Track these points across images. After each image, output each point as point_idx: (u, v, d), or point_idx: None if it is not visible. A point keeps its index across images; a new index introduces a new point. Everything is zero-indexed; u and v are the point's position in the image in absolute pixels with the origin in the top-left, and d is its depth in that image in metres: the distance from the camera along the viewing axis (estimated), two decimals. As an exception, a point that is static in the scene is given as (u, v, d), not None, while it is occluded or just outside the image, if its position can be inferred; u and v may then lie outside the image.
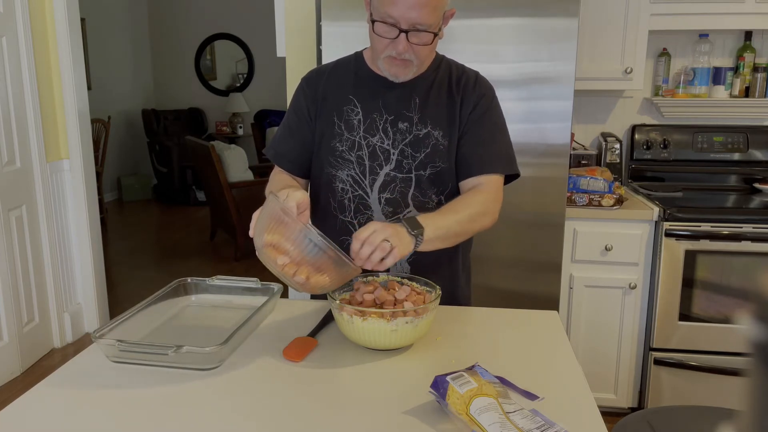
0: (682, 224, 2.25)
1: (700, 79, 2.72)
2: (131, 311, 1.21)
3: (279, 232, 1.05)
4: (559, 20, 2.00)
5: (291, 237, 1.04)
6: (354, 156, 1.35)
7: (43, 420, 0.93)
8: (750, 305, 0.32)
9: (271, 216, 1.07)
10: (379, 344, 1.12)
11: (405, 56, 1.25)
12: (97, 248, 3.39)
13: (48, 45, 3.09)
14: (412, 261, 1.38)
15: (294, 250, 1.04)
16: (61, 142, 3.20)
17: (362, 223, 1.37)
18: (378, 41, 1.26)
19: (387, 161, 1.34)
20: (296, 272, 1.05)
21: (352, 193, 1.37)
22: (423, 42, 1.24)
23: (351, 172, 1.35)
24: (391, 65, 1.28)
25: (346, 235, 1.38)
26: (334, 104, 1.37)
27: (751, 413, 0.33)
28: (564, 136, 2.08)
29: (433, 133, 1.34)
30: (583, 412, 0.95)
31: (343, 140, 1.35)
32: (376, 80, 1.36)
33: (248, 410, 0.95)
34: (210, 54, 7.67)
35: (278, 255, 1.05)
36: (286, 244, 1.05)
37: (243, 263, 4.71)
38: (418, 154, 1.34)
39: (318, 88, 1.40)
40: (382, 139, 1.34)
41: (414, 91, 1.35)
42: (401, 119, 1.34)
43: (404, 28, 1.21)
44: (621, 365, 2.41)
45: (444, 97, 1.36)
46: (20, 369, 2.93)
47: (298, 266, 1.05)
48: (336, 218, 1.39)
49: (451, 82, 1.37)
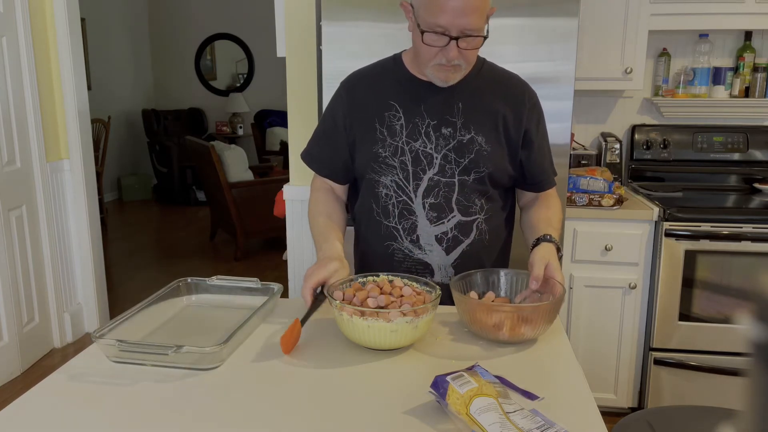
0: (682, 224, 2.25)
1: (700, 79, 2.72)
2: (131, 311, 1.21)
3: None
4: (559, 20, 2.00)
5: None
6: (397, 161, 1.35)
7: (43, 420, 0.93)
8: (750, 305, 0.32)
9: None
10: (379, 344, 1.12)
11: (455, 62, 1.25)
12: (97, 248, 3.39)
13: (48, 45, 3.09)
14: (456, 265, 1.39)
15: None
16: (61, 142, 3.20)
17: (407, 228, 1.37)
18: (427, 51, 1.25)
19: (430, 165, 1.34)
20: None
21: (396, 199, 1.36)
22: (474, 46, 1.25)
23: (394, 178, 1.35)
24: (441, 71, 1.28)
25: (391, 240, 1.38)
26: (375, 110, 1.36)
27: (751, 413, 0.33)
28: (564, 136, 2.08)
29: (477, 139, 1.34)
30: (583, 412, 0.95)
31: (385, 146, 1.35)
32: (417, 85, 1.35)
33: (248, 410, 0.95)
34: (210, 54, 7.67)
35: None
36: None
37: (243, 263, 4.71)
38: (462, 159, 1.34)
39: (356, 93, 1.40)
40: (424, 144, 1.34)
41: (457, 96, 1.34)
42: (444, 124, 1.34)
43: (455, 36, 1.21)
44: (621, 365, 2.41)
45: (488, 101, 1.36)
46: (20, 369, 2.93)
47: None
48: (380, 224, 1.39)
49: (494, 86, 1.37)
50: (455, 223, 1.36)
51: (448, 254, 1.38)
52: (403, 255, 1.38)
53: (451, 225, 1.36)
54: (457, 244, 1.37)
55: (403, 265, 1.39)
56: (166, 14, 7.58)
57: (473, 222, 1.37)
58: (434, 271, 1.39)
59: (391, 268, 1.39)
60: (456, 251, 1.38)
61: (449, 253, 1.38)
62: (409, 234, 1.37)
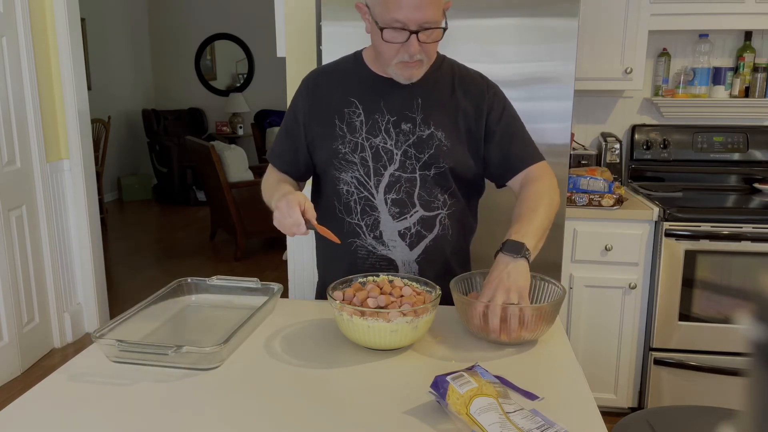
0: (682, 224, 2.25)
1: (700, 79, 2.72)
2: (131, 311, 1.21)
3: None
4: (559, 20, 2.00)
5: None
6: (357, 158, 1.35)
7: (43, 420, 0.93)
8: (750, 305, 0.32)
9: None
10: (379, 344, 1.12)
11: (417, 57, 1.25)
12: (97, 248, 3.39)
13: (48, 45, 3.09)
14: (420, 260, 1.38)
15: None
16: (61, 142, 3.20)
17: (370, 224, 1.37)
18: (388, 48, 1.26)
19: (391, 161, 1.34)
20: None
21: (358, 195, 1.36)
22: (434, 39, 1.25)
23: (355, 174, 1.35)
24: (405, 69, 1.28)
25: (354, 237, 1.38)
26: (335, 107, 1.37)
27: (751, 413, 0.33)
28: (564, 136, 2.08)
29: (437, 134, 1.34)
30: (583, 412, 0.95)
31: (345, 142, 1.35)
32: (377, 81, 1.36)
33: (248, 410, 0.95)
34: (210, 54, 7.67)
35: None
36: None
37: (243, 263, 4.71)
38: (422, 155, 1.34)
39: (317, 91, 1.40)
40: (384, 140, 1.34)
41: (416, 92, 1.35)
42: (404, 120, 1.34)
43: (414, 29, 1.22)
44: (621, 365, 2.41)
45: (447, 97, 1.36)
46: (20, 369, 2.93)
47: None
48: (343, 221, 1.39)
49: (454, 82, 1.38)
50: (418, 218, 1.36)
51: (411, 249, 1.37)
52: (367, 252, 1.38)
53: (414, 220, 1.36)
54: (421, 239, 1.37)
55: (366, 262, 1.38)
56: (166, 14, 7.58)
57: (436, 217, 1.38)
58: (398, 267, 1.38)
59: (355, 265, 1.38)
60: (419, 246, 1.37)
61: (413, 248, 1.37)
62: (372, 230, 1.37)
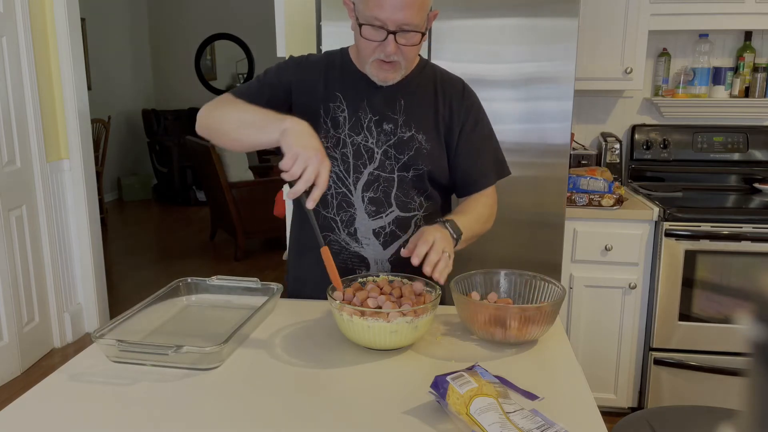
0: (682, 224, 2.25)
1: (700, 79, 2.72)
2: (131, 311, 1.22)
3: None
4: (559, 20, 2.00)
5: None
6: (338, 153, 1.35)
7: (43, 420, 0.93)
8: (750, 305, 0.32)
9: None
10: (379, 344, 1.12)
11: (393, 58, 1.26)
12: (97, 248, 3.39)
13: (48, 45, 3.09)
14: (393, 260, 1.39)
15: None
16: (61, 142, 3.20)
17: (345, 220, 1.37)
18: (366, 45, 1.27)
19: (371, 160, 1.35)
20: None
21: (335, 190, 1.37)
22: (411, 42, 1.26)
23: (335, 169, 1.35)
24: (380, 70, 1.29)
25: (328, 231, 1.38)
26: (321, 99, 1.37)
27: (751, 413, 0.33)
28: (564, 136, 2.08)
29: (417, 137, 1.35)
30: (583, 412, 0.95)
31: (328, 137, 1.35)
32: (362, 80, 1.36)
33: (248, 410, 0.95)
34: (210, 54, 7.67)
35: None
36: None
37: (243, 263, 4.71)
38: (401, 156, 1.35)
39: (306, 75, 1.38)
40: (366, 138, 1.35)
41: (399, 93, 1.36)
42: (386, 120, 1.35)
43: (392, 30, 1.22)
44: (621, 365, 2.41)
45: (429, 101, 1.38)
46: (20, 369, 2.93)
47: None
48: (318, 213, 1.38)
49: (436, 86, 1.39)
50: (393, 218, 1.37)
51: (385, 249, 1.38)
52: (340, 247, 1.38)
53: (389, 220, 1.37)
54: (395, 239, 1.38)
55: (339, 258, 1.37)
56: (166, 14, 7.58)
57: (411, 218, 1.38)
58: (370, 264, 1.38)
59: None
60: (393, 246, 1.38)
61: (386, 247, 1.38)
62: (347, 226, 1.37)
